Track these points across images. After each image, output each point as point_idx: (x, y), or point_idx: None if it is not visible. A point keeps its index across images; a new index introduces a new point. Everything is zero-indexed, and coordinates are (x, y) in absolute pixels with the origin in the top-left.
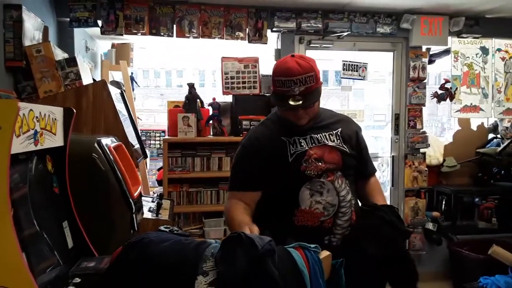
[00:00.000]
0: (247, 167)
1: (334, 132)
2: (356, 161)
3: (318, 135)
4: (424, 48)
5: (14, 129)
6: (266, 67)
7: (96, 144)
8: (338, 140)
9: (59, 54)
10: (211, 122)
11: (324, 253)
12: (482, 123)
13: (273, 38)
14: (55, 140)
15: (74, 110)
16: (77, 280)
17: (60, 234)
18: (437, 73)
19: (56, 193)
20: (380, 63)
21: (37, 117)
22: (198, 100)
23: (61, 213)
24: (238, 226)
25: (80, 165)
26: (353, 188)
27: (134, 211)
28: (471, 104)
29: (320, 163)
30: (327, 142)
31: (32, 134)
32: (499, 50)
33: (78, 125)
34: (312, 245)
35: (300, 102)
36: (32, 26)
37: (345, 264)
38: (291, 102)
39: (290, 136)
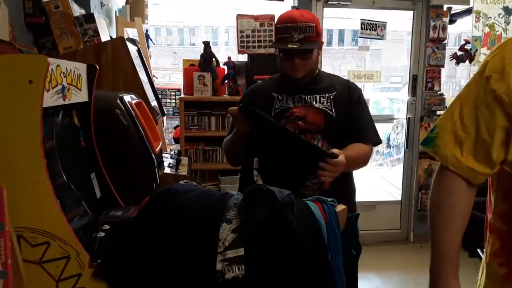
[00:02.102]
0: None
1: (326, 95)
2: (344, 127)
3: (308, 96)
4: (445, 7)
5: (45, 83)
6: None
7: (118, 100)
8: (328, 104)
9: (77, 10)
10: (226, 81)
11: (340, 207)
12: None
13: None
14: (80, 95)
15: (97, 67)
16: (107, 227)
17: (88, 185)
18: (457, 33)
19: (82, 146)
20: (399, 23)
21: (63, 73)
22: (213, 59)
23: (88, 165)
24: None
25: (103, 120)
26: None
27: (156, 165)
28: None
29: (300, 122)
30: (313, 103)
31: (60, 89)
32: None
33: (99, 82)
34: (329, 199)
35: (297, 46)
36: None
37: None
38: (289, 45)
39: (281, 92)
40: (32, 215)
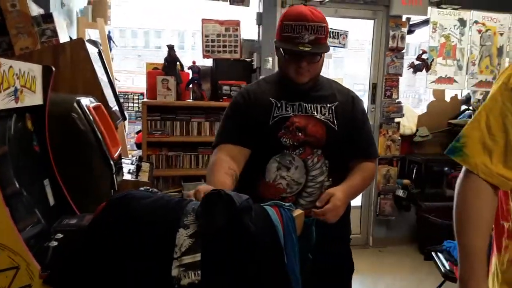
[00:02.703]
0: (237, 120)
1: (328, 105)
2: (346, 140)
3: (309, 104)
4: (404, 18)
5: None
6: (248, 31)
7: (75, 104)
8: (330, 115)
9: (35, 10)
10: (191, 86)
11: (297, 211)
12: (456, 94)
13: (255, 1)
14: (34, 98)
15: (53, 68)
16: (59, 236)
17: (42, 192)
18: (417, 44)
19: (36, 151)
20: (361, 32)
21: (17, 74)
22: (177, 62)
23: (42, 171)
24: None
25: (59, 124)
26: (333, 170)
27: (114, 171)
28: (446, 75)
29: (300, 134)
30: (315, 114)
31: (12, 91)
32: (476, 22)
33: (56, 84)
34: (287, 204)
35: (309, 48)
36: None
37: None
38: (300, 47)
39: (279, 98)
40: None
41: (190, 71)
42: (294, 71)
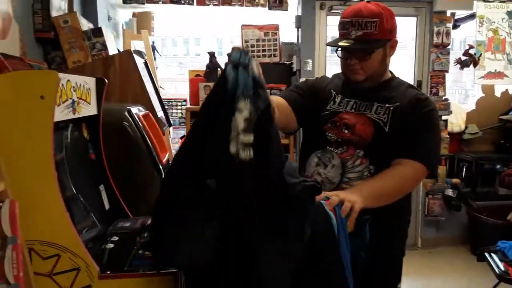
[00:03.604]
0: (301, 90)
1: (386, 105)
2: (396, 145)
3: (365, 103)
4: (448, 13)
5: (56, 98)
6: (286, 34)
7: (126, 113)
8: (385, 115)
9: (85, 24)
10: None
11: None
12: (507, 89)
13: (293, 4)
14: (89, 109)
15: (106, 80)
16: (115, 238)
17: (97, 197)
18: (462, 38)
19: (92, 159)
20: (403, 29)
21: (73, 87)
22: (218, 69)
23: (98, 177)
24: None
25: (112, 132)
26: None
27: (163, 176)
28: (495, 70)
29: (346, 131)
30: (367, 112)
31: (70, 103)
32: None
33: (107, 95)
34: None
35: (350, 44)
36: None
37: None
38: (340, 43)
39: (339, 92)
40: (43, 228)
41: None
42: (347, 69)
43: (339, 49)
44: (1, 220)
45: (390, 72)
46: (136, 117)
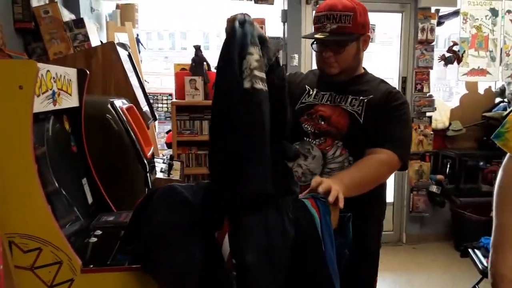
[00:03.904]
0: None
1: (361, 98)
2: (371, 135)
3: (340, 96)
4: (433, 9)
5: (35, 89)
6: (273, 29)
7: (109, 105)
8: (359, 107)
9: (66, 15)
10: None
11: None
12: (490, 86)
13: None
14: (71, 100)
15: (88, 72)
16: (99, 232)
17: (80, 191)
18: (446, 35)
19: (74, 151)
20: (388, 25)
21: (54, 78)
22: (204, 62)
23: (80, 170)
24: None
25: (94, 125)
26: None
27: (148, 170)
28: (479, 67)
29: (322, 122)
30: (342, 104)
31: (50, 94)
32: (509, 11)
33: (89, 87)
34: (322, 196)
35: (325, 36)
36: None
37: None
38: (316, 35)
39: (314, 86)
40: (24, 221)
41: None
42: (322, 62)
43: (315, 42)
44: None
45: (363, 68)
46: (119, 110)
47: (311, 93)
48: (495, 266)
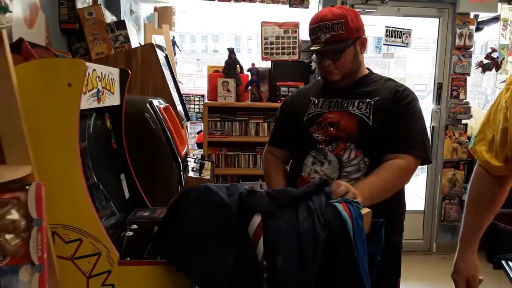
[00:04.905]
0: (279, 123)
1: (367, 100)
2: (383, 136)
3: (347, 100)
4: (472, 15)
5: (82, 87)
6: (307, 32)
7: (148, 105)
8: (367, 110)
9: (108, 17)
10: (249, 87)
11: (365, 210)
12: None
13: (314, 2)
14: (113, 99)
15: (129, 71)
16: (135, 226)
17: (118, 186)
18: (483, 41)
19: (114, 148)
20: (424, 30)
21: (99, 77)
22: (237, 65)
23: (119, 166)
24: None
25: (134, 123)
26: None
27: (181, 168)
28: None
29: (332, 129)
30: (349, 109)
31: (95, 92)
32: None
33: (129, 86)
34: (354, 200)
35: (320, 47)
36: None
37: None
38: (312, 47)
39: (318, 96)
40: (67, 213)
41: (249, 73)
42: (323, 71)
43: (314, 54)
44: (27, 202)
45: (368, 69)
46: (157, 109)
47: (316, 102)
48: (456, 259)
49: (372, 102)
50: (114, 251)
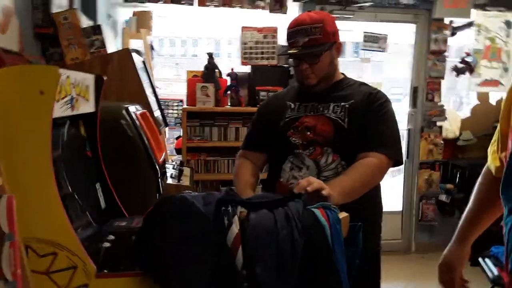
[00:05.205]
0: (254, 127)
1: (341, 104)
2: (358, 139)
3: (322, 104)
4: (447, 21)
5: (55, 94)
6: (286, 37)
7: (124, 111)
8: (342, 113)
9: (84, 22)
10: (229, 92)
11: (343, 214)
12: (501, 97)
13: (294, 8)
14: (88, 106)
15: (105, 77)
16: (111, 237)
17: (94, 195)
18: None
19: (89, 156)
20: (401, 35)
21: (73, 83)
22: (216, 70)
23: (94, 175)
24: (241, 189)
25: (109, 130)
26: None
27: (159, 175)
28: (491, 78)
29: (309, 133)
30: (325, 113)
31: (69, 100)
32: None
33: (104, 93)
34: (332, 206)
35: (297, 50)
36: None
37: None
38: (289, 51)
39: (295, 101)
40: (40, 226)
41: (228, 78)
42: (300, 75)
43: (291, 57)
44: None
45: (342, 74)
46: (133, 115)
47: (293, 107)
48: (446, 249)
49: (347, 106)
50: (90, 263)
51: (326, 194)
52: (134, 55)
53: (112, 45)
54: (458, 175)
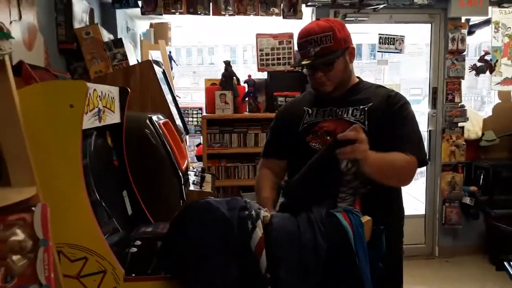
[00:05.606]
0: (273, 135)
1: (361, 107)
2: (380, 142)
3: (341, 109)
4: (463, 19)
5: (84, 107)
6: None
7: (147, 121)
8: (361, 116)
9: (105, 35)
10: (247, 99)
11: (365, 218)
12: None
13: (307, 13)
14: (113, 117)
15: (129, 89)
16: (138, 243)
17: (121, 203)
18: (476, 44)
19: (115, 165)
20: (417, 36)
21: (99, 96)
22: (234, 77)
23: (121, 183)
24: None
25: (134, 140)
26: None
27: (182, 182)
28: None
29: (328, 137)
30: (344, 116)
31: (96, 112)
32: None
33: (128, 103)
34: (354, 210)
35: (310, 61)
36: (80, 9)
37: None
38: (303, 62)
39: (312, 106)
40: (72, 232)
41: (246, 85)
42: (315, 83)
43: (305, 67)
44: (33, 223)
45: (358, 77)
46: (156, 124)
47: (310, 112)
48: None
49: (366, 108)
50: (119, 268)
51: (360, 158)
52: (154, 66)
53: (133, 57)
54: (482, 177)
